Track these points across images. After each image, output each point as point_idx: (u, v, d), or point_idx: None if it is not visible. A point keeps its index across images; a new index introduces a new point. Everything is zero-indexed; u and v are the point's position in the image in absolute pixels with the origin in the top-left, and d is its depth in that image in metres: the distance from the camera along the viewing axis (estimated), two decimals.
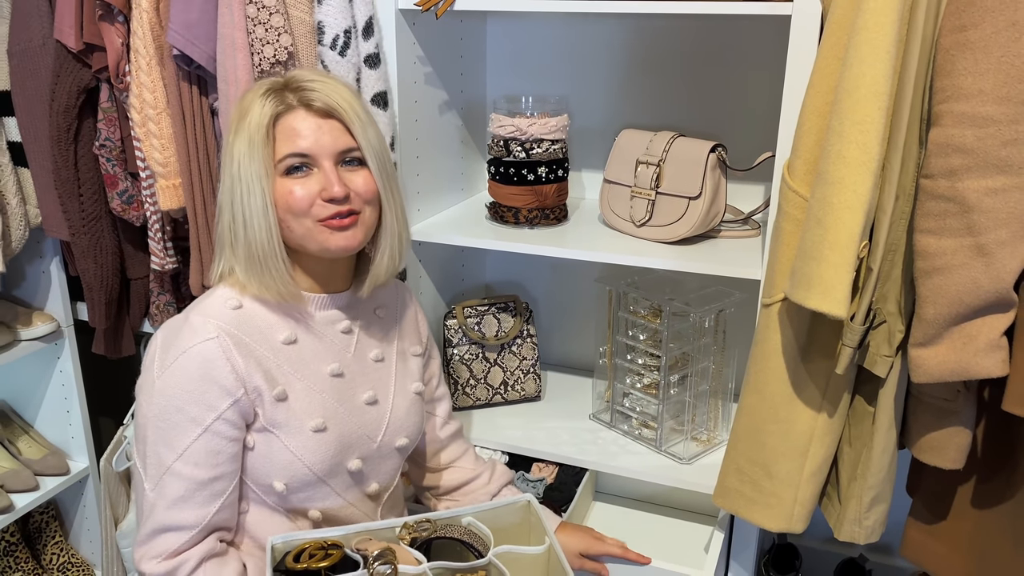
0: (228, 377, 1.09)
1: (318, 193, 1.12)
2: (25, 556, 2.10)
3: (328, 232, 1.13)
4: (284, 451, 1.14)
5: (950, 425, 1.24)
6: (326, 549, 1.08)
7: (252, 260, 1.13)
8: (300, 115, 1.13)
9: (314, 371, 1.18)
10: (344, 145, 1.14)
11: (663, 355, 1.64)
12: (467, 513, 1.14)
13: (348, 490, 1.22)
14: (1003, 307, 1.10)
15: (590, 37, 1.83)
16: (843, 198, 1.12)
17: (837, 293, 1.14)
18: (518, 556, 1.08)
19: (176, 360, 1.10)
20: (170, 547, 1.09)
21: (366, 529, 1.12)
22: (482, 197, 1.93)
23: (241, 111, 1.13)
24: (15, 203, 1.74)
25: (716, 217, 1.60)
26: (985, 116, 1.05)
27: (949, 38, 1.08)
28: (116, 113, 1.69)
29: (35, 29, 1.65)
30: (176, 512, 1.09)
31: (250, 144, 1.10)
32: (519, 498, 1.16)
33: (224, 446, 1.11)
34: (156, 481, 1.10)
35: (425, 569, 1.06)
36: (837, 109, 1.13)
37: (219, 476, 1.11)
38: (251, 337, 1.13)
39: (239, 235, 1.13)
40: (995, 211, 1.06)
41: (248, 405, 1.12)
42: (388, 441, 1.26)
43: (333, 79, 1.17)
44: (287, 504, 1.18)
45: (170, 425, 1.09)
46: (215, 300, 1.16)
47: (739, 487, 1.40)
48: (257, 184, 1.10)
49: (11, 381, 2.09)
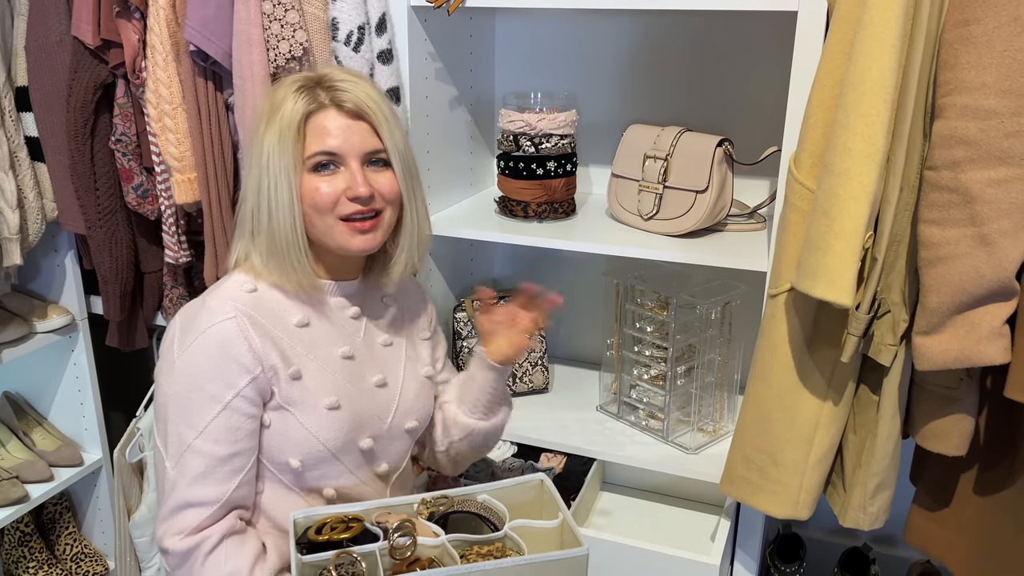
0: (246, 355, 1.13)
1: (343, 191, 1.15)
2: (39, 546, 2.12)
3: (349, 233, 1.17)
4: (299, 428, 1.17)
5: (953, 413, 1.27)
6: (347, 523, 1.10)
7: (274, 250, 1.17)
8: (331, 115, 1.16)
9: (326, 353, 1.21)
10: (371, 146, 1.17)
11: (670, 347, 1.66)
12: (482, 491, 1.17)
13: (360, 468, 1.25)
14: (1005, 296, 1.13)
15: (597, 34, 1.85)
16: (849, 189, 1.15)
17: (843, 282, 1.16)
18: (532, 530, 1.11)
19: (195, 340, 1.13)
20: (192, 523, 1.12)
21: (385, 504, 1.15)
22: (490, 192, 1.96)
23: (273, 104, 1.16)
24: (32, 197, 1.77)
25: (723, 210, 1.62)
26: (988, 109, 1.07)
27: (952, 33, 1.11)
28: (132, 108, 1.72)
29: (52, 25, 1.68)
30: (197, 488, 1.12)
31: (281, 139, 1.13)
32: (532, 477, 1.19)
33: (243, 423, 1.14)
34: (177, 459, 1.13)
35: (443, 541, 1.09)
36: (843, 102, 1.16)
37: (238, 452, 1.14)
38: (266, 319, 1.17)
39: (262, 224, 1.16)
40: (997, 201, 1.09)
41: (265, 383, 1.15)
42: (398, 423, 1.29)
43: (363, 79, 1.20)
44: (302, 482, 1.21)
45: (190, 403, 1.13)
46: (231, 284, 1.19)
47: (746, 474, 1.43)
48: (285, 178, 1.14)
49: (26, 374, 2.12)
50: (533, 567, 1.03)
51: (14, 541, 2.11)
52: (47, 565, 2.12)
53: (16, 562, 2.11)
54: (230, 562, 1.12)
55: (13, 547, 2.11)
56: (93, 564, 2.17)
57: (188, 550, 1.12)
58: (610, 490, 1.92)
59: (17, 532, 2.10)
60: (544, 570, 1.04)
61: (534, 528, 1.11)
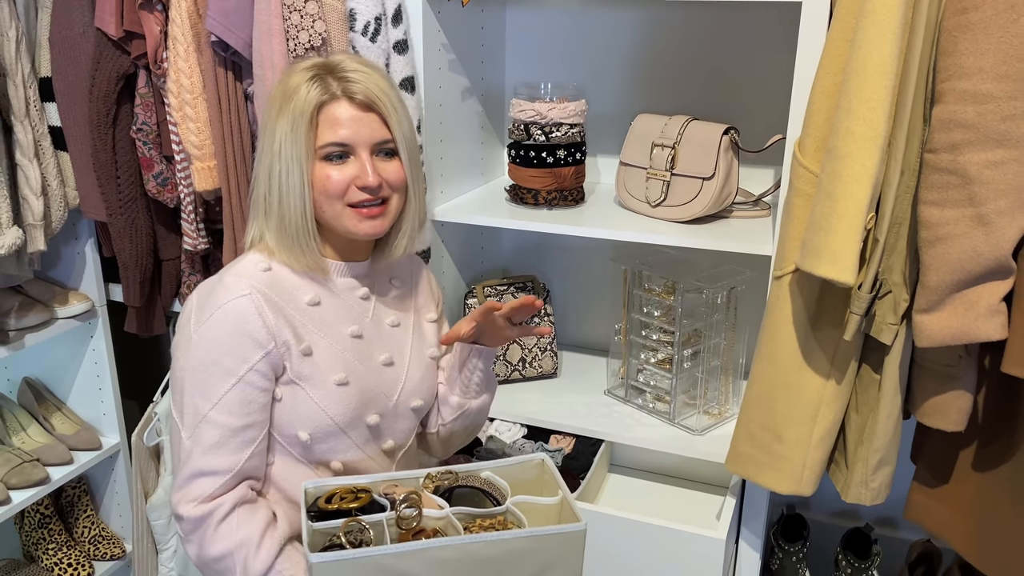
0: (260, 331, 1.17)
1: (352, 180, 1.20)
2: (58, 528, 2.17)
3: (357, 219, 1.22)
4: (309, 402, 1.22)
5: (952, 389, 1.31)
6: (356, 493, 1.14)
7: (284, 233, 1.22)
8: (343, 106, 1.20)
9: (336, 331, 1.26)
10: (380, 137, 1.22)
11: (676, 331, 1.70)
12: (486, 468, 1.21)
13: (366, 444, 1.29)
14: (1002, 274, 1.17)
15: (606, 26, 1.90)
16: (851, 171, 1.19)
17: (845, 261, 1.20)
18: (533, 506, 1.15)
19: (212, 316, 1.17)
20: (205, 491, 1.17)
21: (393, 477, 1.19)
22: (501, 181, 2.00)
23: (286, 92, 1.20)
24: (55, 185, 1.82)
25: (728, 197, 1.66)
26: (985, 93, 1.11)
27: (952, 20, 1.15)
28: (153, 98, 1.76)
29: (76, 17, 1.73)
30: (211, 458, 1.17)
31: (293, 127, 1.18)
32: (534, 456, 1.23)
33: (256, 396, 1.18)
34: (192, 429, 1.18)
35: (448, 513, 1.12)
36: (846, 88, 1.20)
37: (251, 424, 1.19)
38: (279, 296, 1.21)
39: (272, 207, 1.21)
40: (995, 183, 1.13)
41: (278, 358, 1.19)
42: (404, 401, 1.33)
43: (373, 69, 1.24)
44: (311, 455, 1.25)
45: (206, 376, 1.17)
46: (246, 263, 1.24)
47: (751, 452, 1.47)
48: (296, 165, 1.18)
49: (46, 360, 2.17)
50: (533, 539, 1.07)
51: (34, 523, 2.15)
52: (66, 547, 2.16)
53: (36, 544, 2.16)
54: (241, 529, 1.17)
55: (33, 529, 2.16)
56: (110, 547, 2.22)
57: (201, 517, 1.16)
58: (618, 472, 1.96)
59: (37, 515, 2.15)
60: (543, 543, 1.07)
61: (534, 504, 1.15)
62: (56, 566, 2.13)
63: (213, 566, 1.18)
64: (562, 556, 1.09)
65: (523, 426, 1.86)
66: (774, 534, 1.86)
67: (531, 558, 1.07)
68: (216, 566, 1.17)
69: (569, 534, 1.08)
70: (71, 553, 2.16)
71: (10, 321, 1.89)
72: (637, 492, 1.89)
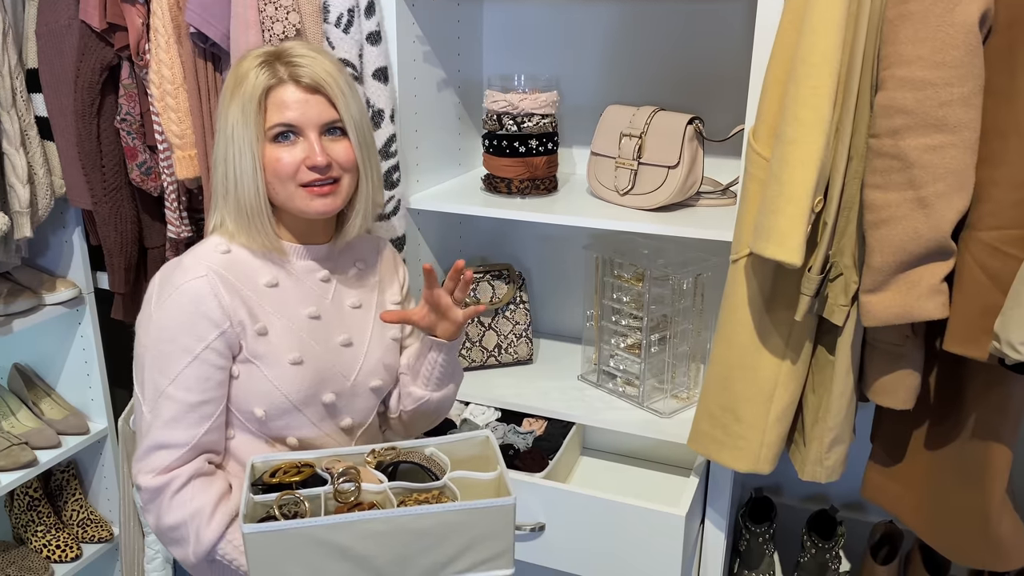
0: (216, 311, 1.22)
1: (302, 160, 1.24)
2: (47, 511, 2.22)
3: (310, 198, 1.26)
4: (264, 380, 1.26)
5: (900, 368, 1.35)
6: (299, 468, 1.19)
7: (241, 214, 1.26)
8: (289, 89, 1.23)
9: (293, 312, 1.30)
10: (328, 118, 1.26)
11: (645, 316, 1.75)
12: (430, 444, 1.25)
13: (323, 421, 1.33)
14: (943, 255, 1.21)
15: (581, 20, 1.94)
16: (798, 156, 1.24)
17: (792, 242, 1.25)
18: (470, 481, 1.19)
19: (170, 296, 1.22)
20: (163, 463, 1.21)
21: (337, 453, 1.24)
22: (478, 172, 2.05)
23: (237, 78, 1.25)
24: (42, 174, 1.87)
25: (694, 185, 1.71)
26: (923, 80, 1.16)
27: (893, 10, 1.19)
28: (136, 89, 1.81)
29: (62, 10, 1.78)
30: (169, 431, 1.22)
31: (243, 112, 1.22)
32: (479, 433, 1.27)
33: (212, 373, 1.23)
34: (152, 404, 1.23)
35: (386, 488, 1.17)
36: (793, 76, 1.25)
37: (207, 400, 1.23)
38: (237, 278, 1.26)
39: (230, 190, 1.26)
40: (933, 166, 1.17)
41: (233, 337, 1.24)
42: (362, 381, 1.37)
43: (321, 54, 1.27)
44: (267, 430, 1.30)
45: (164, 354, 1.22)
46: (207, 246, 1.29)
47: (711, 431, 1.52)
48: (248, 148, 1.22)
49: (35, 346, 2.22)
50: (462, 513, 1.11)
51: (23, 506, 2.20)
52: (55, 529, 2.21)
53: (25, 526, 2.21)
54: (195, 500, 1.21)
55: (23, 511, 2.21)
56: (98, 529, 2.27)
57: (158, 487, 1.21)
58: (591, 455, 2.01)
59: (26, 497, 2.20)
60: (473, 516, 1.11)
61: (473, 479, 1.19)
62: (45, 548, 2.18)
63: (169, 534, 1.22)
64: (492, 529, 1.13)
65: (497, 409, 1.91)
66: (742, 516, 1.90)
67: (461, 531, 1.11)
68: (171, 535, 1.22)
69: (498, 508, 1.12)
70: (60, 535, 2.21)
71: None
72: (608, 473, 1.94)
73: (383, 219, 1.72)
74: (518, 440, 1.83)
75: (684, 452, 1.82)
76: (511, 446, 1.81)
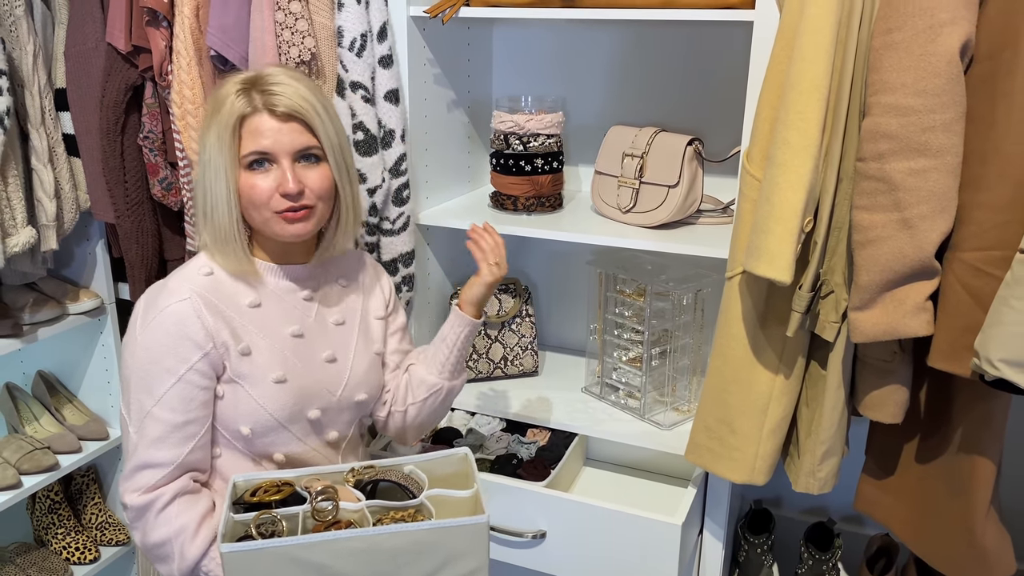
0: (199, 333, 1.25)
1: (276, 188, 1.26)
2: (67, 514, 2.29)
3: (283, 223, 1.28)
4: (249, 399, 1.30)
5: (889, 384, 1.40)
6: (279, 487, 1.22)
7: (216, 239, 1.29)
8: (264, 118, 1.25)
9: (275, 331, 1.33)
10: (301, 144, 1.26)
11: (645, 330, 1.80)
12: (409, 462, 1.28)
13: (307, 436, 1.37)
14: (927, 274, 1.26)
15: (586, 43, 2.01)
16: (787, 178, 1.29)
17: (781, 261, 1.30)
18: (446, 499, 1.22)
19: (155, 318, 1.26)
20: (148, 482, 1.24)
21: (317, 471, 1.27)
22: (487, 189, 2.11)
23: (215, 104, 1.27)
24: (68, 188, 1.95)
25: (693, 204, 1.76)
26: (907, 106, 1.21)
27: (878, 39, 1.25)
28: (159, 108, 1.89)
29: (89, 33, 1.86)
30: (154, 451, 1.25)
31: (219, 139, 1.25)
32: (457, 451, 1.30)
33: (196, 394, 1.26)
34: (138, 424, 1.26)
35: (363, 506, 1.20)
36: (783, 101, 1.30)
37: (192, 420, 1.27)
38: (220, 300, 1.29)
39: (208, 214, 1.29)
40: (917, 189, 1.22)
41: (217, 358, 1.27)
42: (348, 395, 1.40)
43: (299, 80, 1.28)
44: (253, 448, 1.33)
45: (149, 375, 1.25)
46: (191, 268, 1.32)
47: (707, 443, 1.56)
48: (223, 174, 1.25)
49: (59, 354, 2.30)
50: (436, 531, 1.14)
51: (45, 509, 2.28)
52: (74, 532, 2.28)
53: (46, 528, 2.28)
54: (180, 518, 1.25)
55: (44, 514, 2.28)
56: (116, 533, 2.33)
57: (144, 505, 1.25)
58: (593, 465, 2.05)
59: (48, 500, 2.27)
60: (447, 535, 1.14)
61: (449, 497, 1.22)
62: (64, 550, 2.25)
63: (155, 551, 1.26)
64: (467, 547, 1.16)
65: (502, 420, 1.96)
66: (741, 527, 1.94)
67: (437, 549, 1.14)
68: (157, 552, 1.26)
69: (472, 526, 1.15)
70: (79, 538, 2.28)
71: (24, 316, 2.02)
72: (610, 483, 1.98)
73: (392, 235, 1.78)
74: (522, 450, 1.88)
75: (684, 463, 1.86)
76: (515, 455, 1.86)
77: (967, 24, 1.19)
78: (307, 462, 1.37)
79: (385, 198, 1.75)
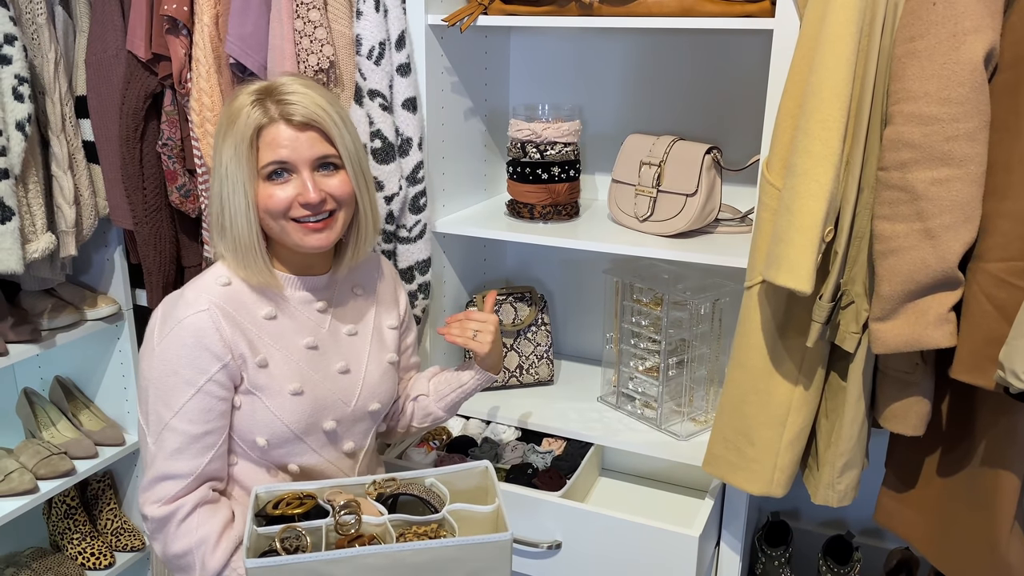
0: (217, 344, 1.25)
1: (295, 197, 1.25)
2: (83, 519, 2.30)
3: (303, 232, 1.28)
4: (266, 411, 1.30)
5: (911, 395, 1.38)
6: (301, 499, 1.22)
7: (235, 250, 1.29)
8: (281, 128, 1.24)
9: (291, 343, 1.33)
10: (320, 152, 1.26)
11: (663, 340, 1.79)
12: (430, 475, 1.27)
13: (324, 448, 1.37)
14: (950, 285, 1.24)
15: (603, 51, 2.00)
16: (808, 187, 1.28)
17: (802, 271, 1.29)
18: (469, 513, 1.21)
19: (172, 330, 1.25)
20: (168, 493, 1.25)
21: (339, 484, 1.27)
22: (503, 197, 2.10)
23: (230, 116, 1.26)
24: (87, 195, 1.96)
25: (711, 213, 1.75)
26: (930, 115, 1.20)
27: (901, 48, 1.24)
28: (177, 116, 1.90)
29: (110, 41, 1.87)
30: (173, 462, 1.25)
31: (236, 151, 1.24)
32: (478, 464, 1.30)
33: (214, 404, 1.26)
34: (157, 436, 1.26)
35: (385, 520, 1.19)
36: (804, 110, 1.29)
37: (210, 431, 1.27)
38: (237, 311, 1.29)
39: (226, 227, 1.28)
40: (940, 199, 1.20)
41: (235, 369, 1.27)
42: (362, 405, 1.41)
43: (313, 88, 1.28)
44: (269, 458, 1.33)
45: (168, 387, 1.25)
46: (208, 278, 1.32)
47: (725, 454, 1.55)
48: (241, 187, 1.25)
49: (76, 359, 2.31)
50: (459, 548, 1.13)
51: (61, 514, 2.29)
52: (90, 537, 2.29)
53: (62, 533, 2.29)
54: (201, 529, 1.25)
55: (60, 519, 2.29)
56: (131, 539, 2.34)
57: (164, 517, 1.25)
58: (609, 476, 2.04)
59: (64, 506, 2.28)
60: (470, 551, 1.14)
61: (471, 512, 1.21)
62: (80, 555, 2.26)
63: (176, 562, 1.26)
64: (489, 563, 1.15)
65: (517, 428, 1.95)
66: (758, 539, 1.92)
67: (459, 565, 1.14)
68: (178, 562, 1.26)
69: (495, 543, 1.15)
70: (95, 543, 2.28)
71: (43, 321, 2.03)
72: (625, 494, 1.96)
73: (409, 242, 1.78)
74: (537, 459, 1.87)
75: (701, 475, 1.85)
76: (530, 465, 1.85)
77: (991, 32, 1.18)
78: (322, 473, 1.37)
79: (402, 206, 1.75)
